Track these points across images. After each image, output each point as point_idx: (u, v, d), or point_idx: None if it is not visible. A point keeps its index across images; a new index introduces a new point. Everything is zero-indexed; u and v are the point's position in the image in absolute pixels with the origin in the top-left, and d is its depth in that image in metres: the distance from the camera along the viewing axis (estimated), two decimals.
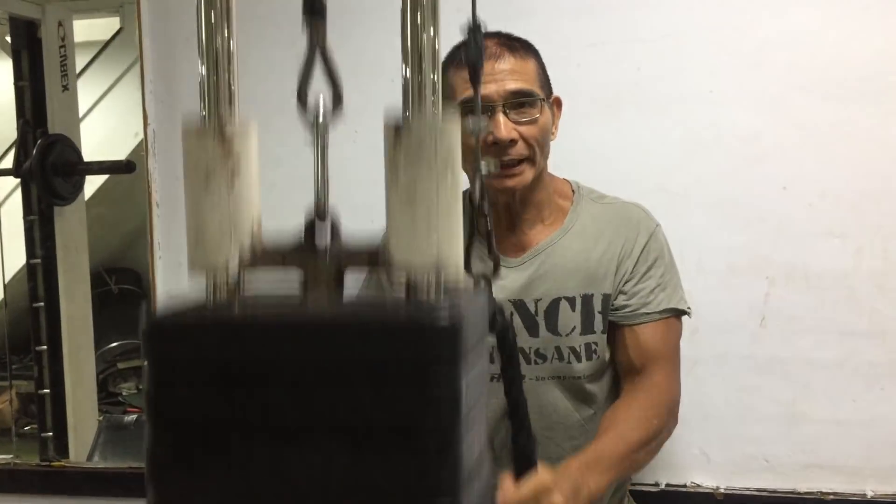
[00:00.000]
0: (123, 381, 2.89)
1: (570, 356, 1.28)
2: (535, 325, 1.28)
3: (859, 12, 1.50)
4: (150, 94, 1.77)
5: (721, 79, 1.55)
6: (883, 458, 1.54)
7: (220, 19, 0.56)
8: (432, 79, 0.54)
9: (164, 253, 1.78)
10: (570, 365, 1.28)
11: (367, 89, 1.66)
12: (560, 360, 1.28)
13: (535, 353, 1.28)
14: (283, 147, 1.71)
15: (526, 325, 1.27)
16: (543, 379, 1.28)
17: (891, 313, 1.52)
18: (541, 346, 1.28)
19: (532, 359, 1.28)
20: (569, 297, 1.27)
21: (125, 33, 3.07)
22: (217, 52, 0.56)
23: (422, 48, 0.54)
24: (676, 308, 1.29)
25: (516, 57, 1.23)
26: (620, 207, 1.33)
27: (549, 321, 1.27)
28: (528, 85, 1.22)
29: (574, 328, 1.27)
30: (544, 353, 1.28)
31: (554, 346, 1.28)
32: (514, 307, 1.28)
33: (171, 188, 1.77)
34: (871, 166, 1.51)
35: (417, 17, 0.54)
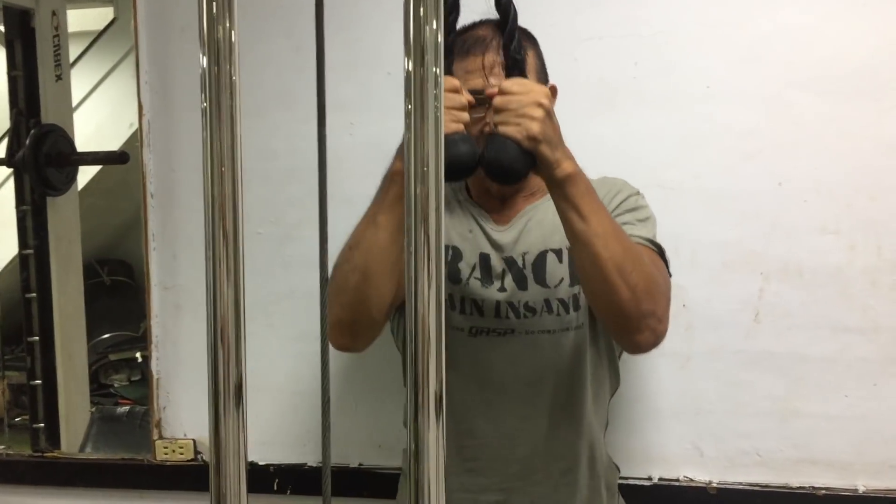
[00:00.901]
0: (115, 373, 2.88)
1: (559, 308, 1.28)
2: (523, 278, 1.29)
3: (856, 8, 1.50)
4: (145, 85, 1.76)
5: (717, 74, 1.55)
6: (874, 453, 1.55)
7: (222, 10, 0.55)
8: (434, 72, 0.53)
9: (159, 244, 1.77)
10: (560, 317, 1.28)
11: (364, 82, 1.66)
12: (549, 313, 1.28)
13: (524, 306, 1.28)
14: (278, 139, 1.71)
15: (515, 280, 1.29)
16: (533, 333, 1.29)
17: (884, 309, 1.53)
18: (530, 300, 1.28)
19: (522, 312, 1.29)
20: (555, 249, 1.29)
21: (119, 23, 3.06)
22: (219, 43, 0.55)
23: (424, 41, 0.53)
24: (654, 241, 1.27)
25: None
26: (604, 178, 1.34)
27: (538, 274, 1.29)
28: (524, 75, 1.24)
29: (562, 280, 1.28)
30: (534, 306, 1.28)
31: (543, 299, 1.28)
32: (505, 263, 1.30)
33: (166, 179, 1.77)
34: (865, 163, 1.51)
35: (420, 9, 0.53)
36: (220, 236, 0.56)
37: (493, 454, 1.33)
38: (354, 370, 1.69)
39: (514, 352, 1.30)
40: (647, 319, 1.16)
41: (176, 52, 1.76)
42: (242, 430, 0.55)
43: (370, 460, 1.71)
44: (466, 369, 1.32)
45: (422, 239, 0.53)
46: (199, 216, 1.96)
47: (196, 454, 1.79)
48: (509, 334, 1.29)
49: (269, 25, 1.68)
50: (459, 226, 1.34)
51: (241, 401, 0.55)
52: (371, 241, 1.17)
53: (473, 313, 1.30)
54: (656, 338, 1.20)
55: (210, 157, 0.55)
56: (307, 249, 1.70)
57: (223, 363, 0.55)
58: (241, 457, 0.54)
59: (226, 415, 0.55)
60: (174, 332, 1.79)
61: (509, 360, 1.31)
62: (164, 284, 1.78)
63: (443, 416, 0.54)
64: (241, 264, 0.56)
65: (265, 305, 1.70)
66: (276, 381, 1.72)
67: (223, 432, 0.54)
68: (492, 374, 1.32)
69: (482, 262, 1.31)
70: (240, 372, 0.56)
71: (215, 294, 0.56)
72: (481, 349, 1.31)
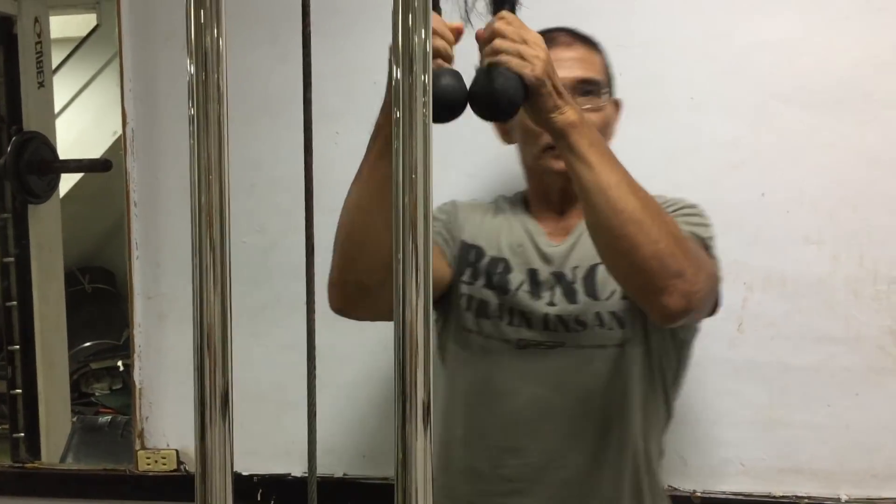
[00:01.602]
0: (96, 382, 2.86)
1: (611, 321, 1.22)
2: (573, 292, 1.24)
3: (838, 21, 1.51)
4: (129, 93, 1.75)
5: (701, 85, 1.56)
6: (857, 462, 1.56)
7: (210, 18, 0.55)
8: (423, 80, 0.53)
9: (142, 253, 1.76)
10: (612, 331, 1.22)
11: (350, 91, 1.66)
12: (601, 327, 1.22)
13: (574, 320, 1.23)
14: (263, 148, 1.71)
15: (565, 293, 1.24)
16: (583, 347, 1.24)
17: (866, 319, 1.54)
18: (580, 313, 1.23)
19: (572, 326, 1.23)
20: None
21: (102, 30, 3.05)
22: (206, 50, 0.55)
23: (413, 50, 0.53)
24: (703, 237, 1.20)
25: (586, 48, 1.27)
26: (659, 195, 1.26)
27: (588, 286, 1.24)
28: (597, 75, 1.26)
29: (613, 292, 1.22)
30: (584, 319, 1.23)
31: (594, 312, 1.23)
32: (554, 278, 1.25)
33: (150, 188, 1.76)
34: (847, 174, 1.53)
35: (409, 18, 0.53)
36: (206, 244, 0.56)
37: (536, 475, 1.27)
38: (340, 379, 1.69)
39: (564, 367, 1.25)
40: (673, 280, 1.04)
41: (161, 61, 1.75)
42: (229, 439, 0.54)
43: (355, 470, 1.70)
44: (513, 384, 1.27)
45: (410, 248, 0.53)
46: (183, 225, 1.97)
47: (179, 464, 1.77)
48: (559, 348, 1.24)
49: (255, 34, 1.68)
50: (511, 238, 1.31)
51: (228, 410, 0.54)
52: (354, 199, 1.12)
53: (522, 325, 1.25)
54: (688, 301, 1.07)
55: (197, 165, 0.55)
56: (292, 258, 1.69)
57: (209, 372, 0.55)
58: (228, 467, 0.54)
59: (212, 424, 0.54)
60: (157, 341, 1.77)
61: (558, 376, 1.25)
62: (148, 293, 1.77)
63: (430, 425, 0.53)
64: (228, 272, 0.56)
65: (250, 314, 1.70)
66: (260, 391, 1.71)
67: (209, 442, 0.54)
68: (539, 390, 1.26)
69: (531, 276, 1.27)
70: (226, 381, 0.55)
71: (202, 302, 0.56)
72: (529, 363, 1.26)
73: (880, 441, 1.55)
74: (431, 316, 0.54)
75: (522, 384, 1.26)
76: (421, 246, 0.53)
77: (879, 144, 1.51)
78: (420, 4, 0.53)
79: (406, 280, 0.53)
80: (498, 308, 1.26)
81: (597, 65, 1.27)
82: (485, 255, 1.30)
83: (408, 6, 0.53)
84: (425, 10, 0.53)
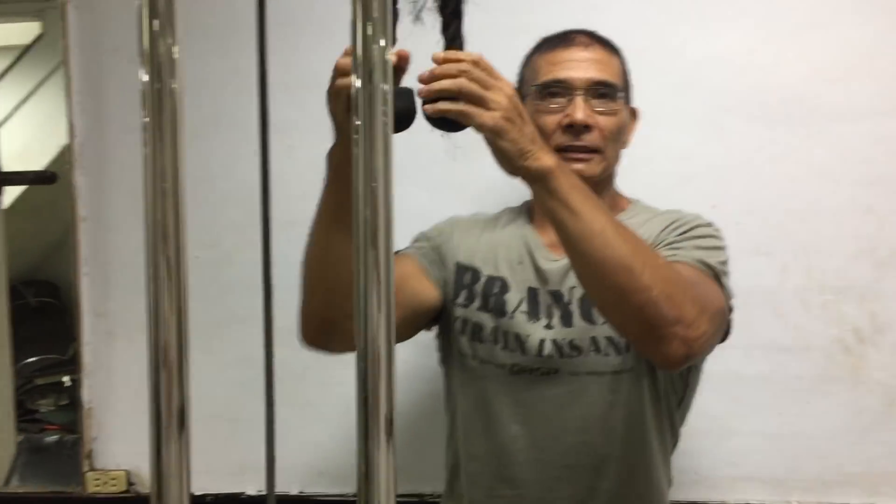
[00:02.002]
0: (42, 398, 2.78)
1: (607, 348, 1.17)
2: (568, 314, 1.19)
3: (787, 37, 1.55)
4: (76, 105, 1.71)
5: (654, 99, 1.57)
6: (807, 469, 1.59)
7: (164, 25, 0.54)
8: (383, 89, 0.53)
9: (91, 269, 1.72)
10: (609, 357, 1.17)
11: (303, 104, 1.65)
12: (597, 353, 1.18)
13: (569, 345, 1.18)
14: (216, 161, 1.68)
15: (561, 316, 1.19)
16: (578, 374, 1.19)
17: (814, 329, 1.57)
18: (575, 338, 1.18)
19: (566, 352, 1.18)
20: None
21: (47, 38, 2.98)
22: (160, 59, 0.54)
23: (372, 59, 0.53)
24: (711, 265, 1.13)
25: (605, 50, 1.24)
26: (675, 210, 1.26)
27: (584, 309, 1.18)
28: (613, 78, 1.22)
29: None
30: (579, 344, 1.18)
31: (590, 337, 1.18)
32: (552, 298, 1.21)
33: (98, 202, 1.72)
34: (795, 186, 1.56)
35: (368, 28, 0.53)
36: (161, 258, 0.54)
37: None
38: (295, 396, 1.66)
39: (559, 395, 1.20)
40: (672, 328, 0.98)
41: (108, 73, 1.72)
42: (185, 458, 0.53)
43: (311, 487, 1.68)
44: (508, 412, 1.22)
45: (371, 259, 0.53)
46: (132, 240, 1.92)
47: (129, 486, 1.73)
48: (553, 375, 1.19)
49: (206, 45, 1.66)
50: (511, 254, 1.26)
51: (185, 428, 0.53)
52: (312, 231, 1.11)
53: (516, 350, 1.21)
54: (689, 348, 1.01)
55: (152, 175, 0.54)
56: (246, 273, 1.67)
57: (165, 389, 0.53)
58: (185, 487, 0.52)
59: (168, 443, 0.53)
60: (106, 359, 1.73)
61: (554, 404, 1.20)
62: (97, 310, 1.73)
63: (393, 439, 0.52)
64: (186, 287, 0.54)
65: (202, 330, 1.66)
66: (213, 409, 1.67)
67: (166, 461, 0.52)
68: (534, 419, 1.21)
69: (530, 295, 1.22)
70: (183, 398, 0.54)
71: (157, 318, 0.55)
72: (524, 390, 1.21)
73: (830, 448, 1.58)
74: (394, 328, 0.53)
75: (516, 412, 1.22)
76: (382, 257, 0.52)
77: (826, 157, 1.55)
78: (379, 14, 0.53)
79: (368, 292, 0.52)
80: (493, 332, 1.22)
81: (614, 68, 1.23)
82: (481, 275, 1.26)
83: (367, 15, 0.52)
84: (384, 19, 0.53)
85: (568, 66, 1.20)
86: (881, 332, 1.56)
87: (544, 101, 1.20)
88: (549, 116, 1.19)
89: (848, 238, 1.56)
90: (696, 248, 1.15)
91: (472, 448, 1.27)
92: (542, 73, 1.22)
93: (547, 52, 1.23)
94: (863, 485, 1.58)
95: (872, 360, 1.57)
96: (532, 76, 1.24)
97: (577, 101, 1.18)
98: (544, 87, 1.20)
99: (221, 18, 1.67)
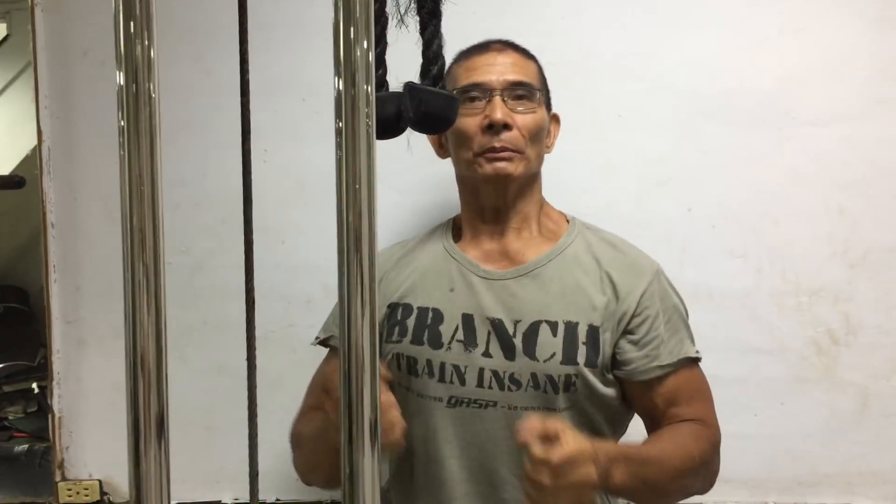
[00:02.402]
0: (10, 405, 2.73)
1: (546, 385, 1.18)
2: (511, 347, 1.19)
3: (758, 42, 1.56)
4: (44, 110, 1.68)
5: (628, 103, 1.59)
6: (784, 470, 1.60)
7: (140, 27, 0.53)
8: (366, 91, 0.52)
9: (60, 276, 1.69)
10: (547, 395, 1.18)
11: (277, 108, 1.64)
12: (536, 389, 1.18)
13: (509, 378, 1.18)
14: (187, 166, 1.66)
15: (503, 348, 1.19)
16: (516, 408, 1.18)
17: (789, 330, 1.58)
18: (516, 371, 1.18)
19: (506, 384, 1.19)
20: (550, 322, 1.19)
21: (13, 40, 2.94)
22: (137, 61, 0.53)
23: (355, 61, 0.52)
24: (690, 357, 1.24)
25: (520, 54, 1.27)
26: (619, 242, 1.29)
27: (528, 345, 1.19)
28: (529, 79, 1.24)
29: (553, 354, 1.18)
30: (519, 378, 1.18)
31: (530, 373, 1.18)
32: (491, 325, 1.20)
33: (67, 208, 1.69)
34: (769, 190, 1.57)
35: (350, 30, 0.52)
36: (139, 263, 0.53)
37: None
38: (270, 403, 1.64)
39: (496, 428, 1.20)
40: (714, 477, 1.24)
41: (78, 77, 1.69)
42: (165, 466, 0.52)
43: (287, 495, 1.66)
44: (447, 446, 1.22)
45: (354, 265, 0.52)
46: (103, 246, 1.89)
47: (103, 496, 1.70)
48: (490, 407, 1.19)
49: (179, 49, 1.64)
50: (440, 280, 1.25)
51: (164, 435, 0.52)
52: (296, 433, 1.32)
53: (454, 381, 1.20)
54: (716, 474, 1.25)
55: (129, 179, 0.52)
56: (219, 279, 1.65)
57: (143, 396, 0.52)
58: (164, 495, 0.51)
59: (147, 450, 0.52)
60: (77, 367, 1.70)
61: (491, 438, 1.20)
62: (67, 318, 1.70)
63: (377, 443, 0.52)
64: (163, 292, 0.53)
65: (176, 337, 1.64)
66: (188, 416, 1.65)
67: (144, 469, 0.51)
68: (472, 452, 1.22)
69: (465, 322, 1.21)
70: (161, 405, 0.53)
71: (134, 324, 0.53)
72: (461, 422, 1.21)
73: (805, 448, 1.60)
74: (376, 332, 0.53)
75: (454, 445, 1.22)
76: (366, 261, 0.52)
77: (799, 160, 1.57)
78: (362, 15, 0.52)
79: (350, 296, 0.52)
80: (427, 364, 1.21)
81: (530, 70, 1.27)
82: (412, 309, 1.25)
83: (349, 17, 0.52)
84: (367, 21, 0.52)
85: (485, 70, 1.23)
86: (854, 334, 1.58)
87: (464, 105, 1.22)
88: (468, 119, 1.21)
89: (822, 240, 1.57)
90: (670, 335, 1.23)
91: (417, 479, 1.26)
92: (461, 78, 1.25)
93: (464, 60, 1.26)
94: (838, 485, 1.60)
95: (846, 361, 1.58)
96: (451, 84, 1.25)
97: (496, 101, 1.21)
98: (463, 91, 1.23)
99: (195, 21, 1.65)
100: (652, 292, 1.23)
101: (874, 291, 1.58)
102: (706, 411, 1.24)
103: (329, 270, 1.63)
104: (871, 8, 1.55)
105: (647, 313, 1.22)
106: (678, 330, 1.24)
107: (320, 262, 1.63)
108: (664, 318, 1.23)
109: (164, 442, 0.52)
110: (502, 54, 1.25)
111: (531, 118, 1.23)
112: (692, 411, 1.22)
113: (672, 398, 1.22)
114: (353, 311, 0.52)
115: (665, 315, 1.23)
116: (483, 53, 1.26)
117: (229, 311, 1.65)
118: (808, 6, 1.56)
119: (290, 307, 1.65)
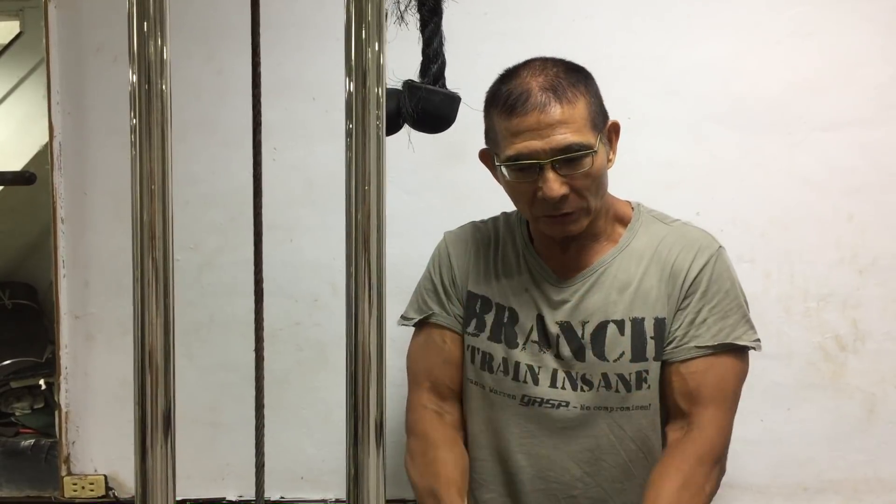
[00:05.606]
0: (17, 401, 2.74)
1: (618, 384, 1.18)
2: (581, 349, 1.19)
3: (770, 46, 1.56)
4: (56, 106, 1.69)
5: (639, 107, 1.58)
6: (789, 475, 1.60)
7: (154, 27, 0.54)
8: (377, 93, 0.52)
9: (70, 271, 1.70)
10: (619, 394, 1.18)
11: (287, 107, 1.64)
12: (607, 389, 1.19)
13: (581, 378, 1.19)
14: (198, 163, 1.67)
15: (573, 349, 1.20)
16: (589, 409, 1.20)
17: (796, 335, 1.58)
18: (587, 372, 1.19)
19: (579, 385, 1.20)
20: (616, 321, 1.18)
21: (25, 38, 2.95)
22: (150, 60, 0.53)
23: (366, 63, 0.52)
24: (734, 343, 1.18)
25: (563, 104, 1.11)
26: (681, 227, 1.25)
27: (596, 345, 1.19)
28: (578, 136, 1.10)
29: (622, 354, 1.18)
30: (591, 379, 1.19)
31: (601, 373, 1.18)
32: (560, 329, 1.21)
33: (78, 204, 1.70)
34: (778, 194, 1.57)
35: (362, 32, 0.52)
36: (148, 260, 0.54)
37: None
38: (275, 400, 1.65)
39: (567, 427, 1.21)
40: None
41: (90, 73, 1.70)
42: (171, 462, 0.52)
43: (292, 493, 1.67)
44: (518, 443, 1.24)
45: (363, 264, 0.52)
46: (112, 242, 1.89)
47: (108, 491, 1.71)
48: (563, 407, 1.21)
49: (191, 48, 1.65)
50: (516, 283, 1.25)
51: (170, 431, 0.52)
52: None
53: (528, 381, 1.21)
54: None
55: (139, 174, 0.53)
56: (227, 276, 1.66)
57: (151, 392, 0.53)
58: (170, 490, 0.51)
59: (153, 446, 0.52)
60: (85, 362, 1.71)
61: (564, 437, 1.22)
62: (75, 313, 1.71)
63: (383, 443, 0.52)
64: (172, 290, 0.54)
65: (183, 334, 1.65)
66: (194, 413, 1.66)
67: (150, 465, 0.52)
68: (543, 450, 1.23)
69: (539, 324, 1.22)
70: (168, 401, 0.53)
71: (143, 321, 0.54)
72: (532, 421, 1.23)
73: (811, 454, 1.59)
74: (384, 332, 0.53)
75: (524, 442, 1.24)
76: (374, 260, 0.52)
77: (809, 165, 1.56)
78: (373, 18, 0.52)
79: (358, 296, 0.52)
80: (503, 363, 1.23)
81: (579, 121, 1.11)
82: (491, 304, 1.26)
83: (361, 19, 0.52)
84: (378, 23, 0.53)
85: (529, 137, 1.10)
86: (862, 340, 1.57)
87: (514, 173, 1.14)
88: (522, 187, 1.14)
89: (830, 246, 1.57)
90: (716, 319, 1.18)
91: (482, 473, 1.29)
92: (505, 145, 1.13)
93: (505, 117, 1.13)
94: (844, 491, 1.59)
95: (854, 367, 1.58)
96: (494, 144, 1.17)
97: (547, 175, 1.10)
98: (510, 160, 1.12)
99: (206, 21, 1.65)
100: (705, 271, 1.19)
101: (882, 298, 1.57)
102: (719, 422, 1.18)
103: (337, 270, 1.64)
104: (883, 13, 1.55)
105: (697, 291, 1.19)
106: (728, 315, 1.19)
107: (328, 262, 1.64)
108: (713, 299, 1.19)
109: (170, 438, 0.53)
110: (546, 112, 1.10)
111: (588, 179, 1.13)
112: (704, 420, 1.17)
113: (694, 392, 1.17)
114: (360, 311, 0.52)
115: (715, 297, 1.19)
116: (525, 115, 1.10)
117: (236, 309, 1.66)
118: (819, 11, 1.56)
119: (297, 305, 1.66)
